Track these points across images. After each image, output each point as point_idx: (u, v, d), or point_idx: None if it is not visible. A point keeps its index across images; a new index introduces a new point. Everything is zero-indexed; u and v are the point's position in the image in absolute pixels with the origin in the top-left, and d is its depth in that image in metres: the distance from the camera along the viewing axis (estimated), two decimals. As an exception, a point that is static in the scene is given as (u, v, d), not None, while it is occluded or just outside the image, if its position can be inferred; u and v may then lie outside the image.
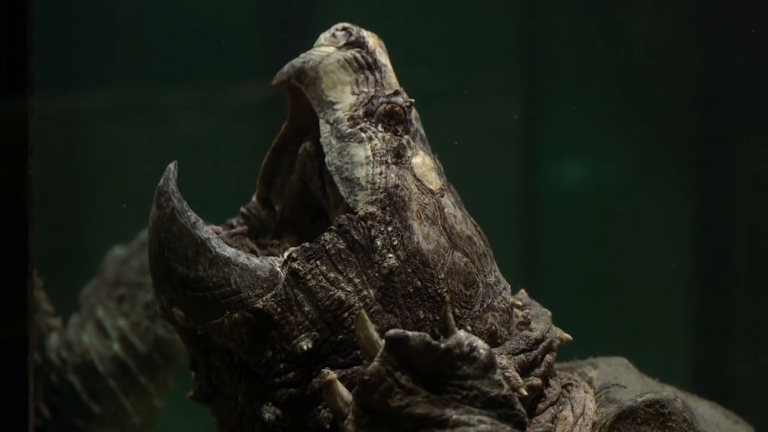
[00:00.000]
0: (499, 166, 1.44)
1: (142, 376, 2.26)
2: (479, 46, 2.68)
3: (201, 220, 1.36)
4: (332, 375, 1.27)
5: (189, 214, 1.36)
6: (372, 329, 1.24)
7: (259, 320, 1.34)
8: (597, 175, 2.85)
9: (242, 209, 1.60)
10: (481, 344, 1.21)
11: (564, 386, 1.50)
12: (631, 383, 1.63)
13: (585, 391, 1.50)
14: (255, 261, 1.35)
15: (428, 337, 1.21)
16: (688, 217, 2.86)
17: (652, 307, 2.79)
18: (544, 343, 1.45)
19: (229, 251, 1.35)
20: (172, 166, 1.39)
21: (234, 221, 1.59)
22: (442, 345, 1.20)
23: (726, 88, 2.70)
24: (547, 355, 1.46)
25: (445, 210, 1.44)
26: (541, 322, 1.49)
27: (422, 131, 1.50)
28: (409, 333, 1.21)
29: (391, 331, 1.21)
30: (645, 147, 2.77)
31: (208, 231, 1.36)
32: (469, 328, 1.39)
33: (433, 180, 1.45)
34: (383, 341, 1.22)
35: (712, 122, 2.72)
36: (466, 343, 1.21)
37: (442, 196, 1.44)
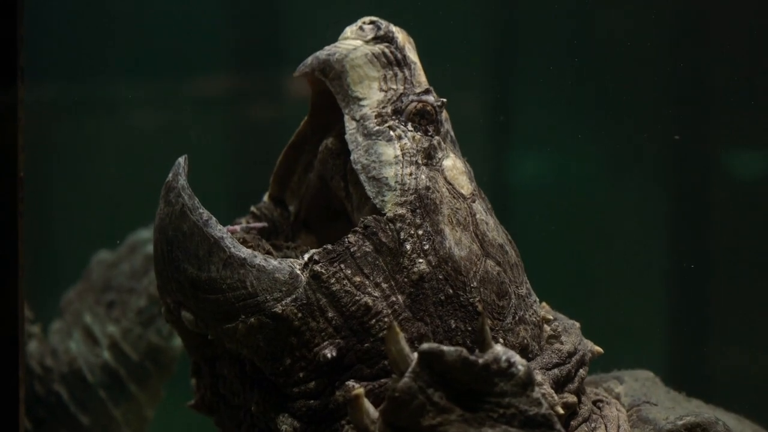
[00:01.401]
0: (469, 162, 1.41)
1: (133, 385, 2.17)
2: (448, 42, 2.63)
3: (214, 218, 1.28)
4: (359, 389, 1.19)
5: (201, 211, 1.27)
6: (404, 342, 1.15)
7: (277, 326, 1.26)
8: (569, 172, 2.82)
9: (253, 209, 1.53)
10: (519, 360, 1.14)
11: (594, 402, 1.42)
12: (659, 399, 1.57)
13: (617, 410, 1.42)
14: (273, 262, 1.27)
15: (465, 352, 1.13)
16: (664, 214, 2.84)
17: (627, 304, 2.76)
18: (577, 357, 1.38)
19: (244, 251, 1.27)
20: (182, 160, 1.31)
21: (243, 221, 1.51)
22: (480, 360, 1.13)
23: (699, 84, 2.67)
24: (581, 370, 1.38)
25: (477, 216, 1.37)
26: (572, 334, 1.43)
27: (452, 133, 1.43)
28: (444, 348, 1.13)
29: (425, 345, 1.13)
30: (619, 143, 2.73)
31: (221, 230, 1.28)
32: (501, 341, 1.32)
33: (465, 184, 1.39)
34: (415, 355, 1.14)
35: (686, 118, 2.69)
36: (504, 358, 1.13)
37: (474, 201, 1.38)
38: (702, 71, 2.64)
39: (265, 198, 1.54)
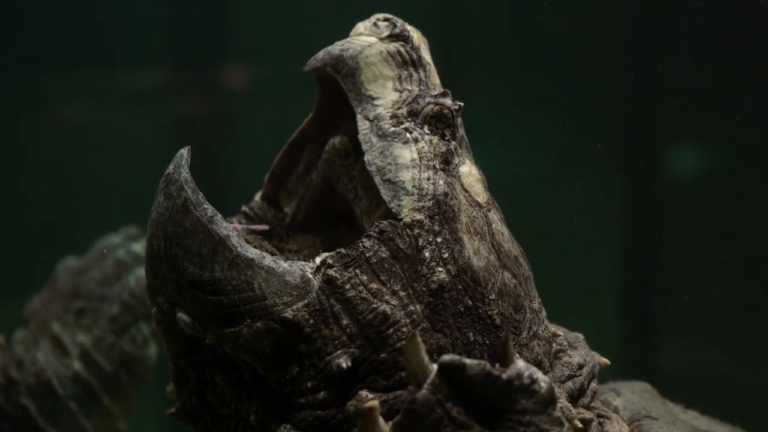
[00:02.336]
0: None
1: (106, 396, 2.09)
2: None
3: (219, 215, 1.22)
4: (374, 402, 1.14)
5: (206, 206, 1.22)
6: (425, 354, 1.11)
7: (286, 332, 1.21)
8: (516, 168, 2.82)
9: (244, 208, 1.47)
10: (541, 376, 1.10)
11: (597, 417, 1.40)
12: (658, 412, 1.55)
13: (619, 424, 1.40)
14: (283, 265, 1.22)
15: (488, 365, 1.09)
16: (615, 211, 2.85)
17: (579, 301, 2.76)
18: (587, 369, 1.36)
19: (252, 252, 1.21)
20: (184, 151, 1.25)
21: (235, 222, 1.46)
22: (504, 376, 1.09)
23: (647, 82, 2.69)
24: (592, 383, 1.35)
25: (493, 226, 1.34)
26: (579, 347, 1.40)
27: (467, 138, 1.39)
28: (467, 360, 1.09)
29: (447, 357, 1.09)
30: (566, 141, 2.75)
31: (227, 227, 1.22)
32: (516, 356, 1.28)
33: (480, 192, 1.35)
34: (434, 367, 1.10)
35: (635, 116, 2.71)
36: (526, 374, 1.10)
37: (489, 210, 1.35)
38: (650, 69, 2.65)
39: (257, 198, 1.49)
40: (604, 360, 1.43)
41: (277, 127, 2.81)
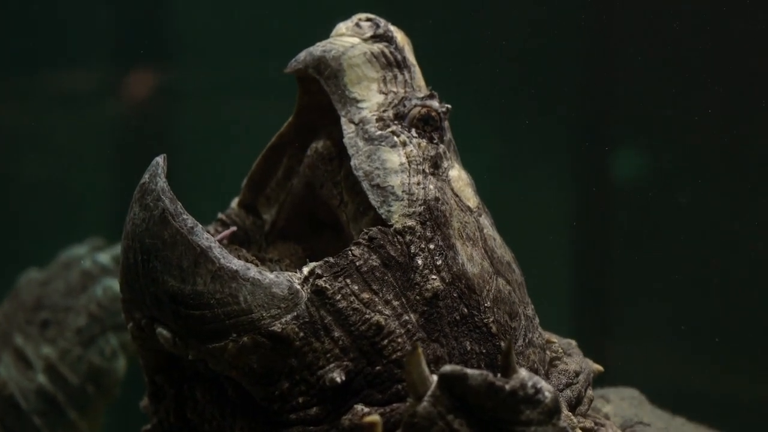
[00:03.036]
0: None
1: (72, 410, 2.04)
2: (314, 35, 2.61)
3: (199, 225, 1.17)
4: (375, 417, 1.09)
5: (185, 217, 1.17)
6: (425, 365, 1.07)
7: (274, 346, 1.16)
8: (468, 168, 2.83)
9: (221, 216, 1.42)
10: (545, 386, 1.07)
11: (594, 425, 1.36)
12: (649, 418, 1.54)
13: None
14: (269, 276, 1.17)
15: (490, 375, 1.06)
16: (565, 212, 2.86)
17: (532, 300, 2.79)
18: (583, 375, 1.32)
19: (236, 263, 1.16)
20: (160, 159, 1.20)
21: (211, 230, 1.40)
22: (507, 386, 1.05)
23: (599, 81, 2.69)
24: (588, 391, 1.31)
25: (485, 231, 1.30)
26: (573, 354, 1.37)
27: (454, 142, 1.35)
28: (468, 370, 1.06)
29: (448, 367, 1.05)
30: (517, 144, 2.74)
31: (209, 238, 1.17)
32: (519, 365, 1.24)
33: (470, 197, 1.32)
34: (434, 378, 1.07)
35: (586, 115, 2.71)
36: (530, 384, 1.06)
37: (480, 215, 1.32)
38: (598, 72, 2.65)
39: (234, 204, 1.44)
40: (597, 367, 1.39)
41: (218, 127, 2.78)
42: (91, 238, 2.20)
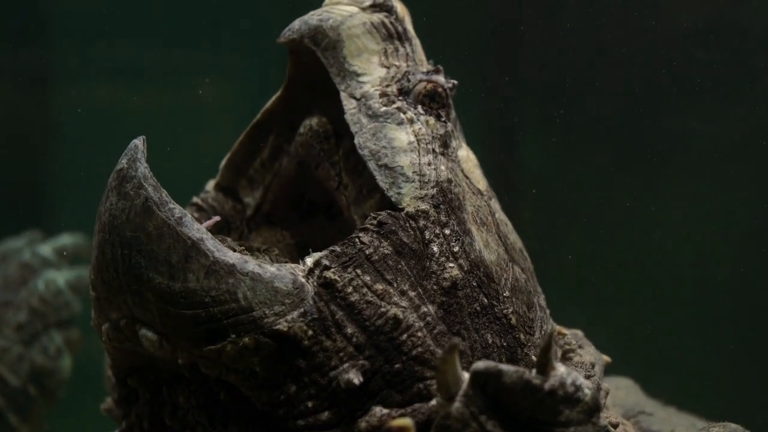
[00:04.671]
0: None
1: (13, 415, 1.92)
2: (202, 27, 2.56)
3: (188, 215, 1.06)
4: (406, 421, 1.00)
5: (171, 206, 1.05)
6: (459, 364, 0.97)
7: (279, 346, 1.06)
8: None
9: (195, 200, 1.32)
10: (585, 382, 1.01)
11: None
12: (650, 408, 1.48)
13: (623, 424, 1.30)
14: (270, 269, 1.06)
15: (527, 373, 0.99)
16: None
17: None
18: (598, 367, 1.26)
19: (231, 256, 1.05)
20: (139, 142, 1.08)
21: None
22: (546, 385, 0.98)
23: (506, 77, 2.68)
24: (604, 383, 1.24)
25: (497, 215, 1.24)
26: (585, 345, 1.31)
27: (458, 121, 1.28)
28: (503, 366, 0.98)
29: (481, 364, 0.98)
30: None
31: (200, 229, 1.06)
32: (533, 358, 1.17)
33: (480, 179, 1.25)
34: (466, 376, 0.99)
35: (493, 113, 2.70)
36: (569, 381, 1.00)
37: (491, 198, 1.25)
38: (505, 68, 2.63)
39: (209, 187, 1.34)
40: (606, 357, 1.33)
41: (100, 111, 2.66)
42: (29, 231, 2.07)
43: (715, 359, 2.34)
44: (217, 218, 1.27)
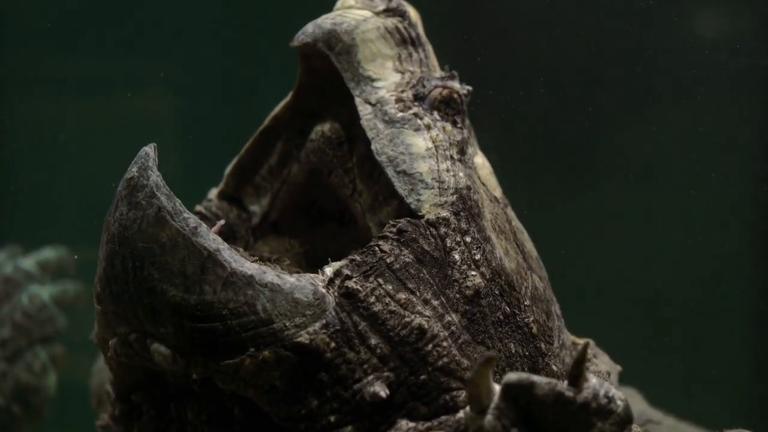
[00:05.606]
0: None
1: None
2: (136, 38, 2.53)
3: (203, 224, 1.03)
4: None
5: (186, 215, 1.02)
6: (491, 376, 0.95)
7: (301, 359, 1.02)
8: None
9: (199, 208, 1.29)
10: (617, 394, 0.98)
11: None
12: (656, 417, 1.47)
13: None
14: (290, 279, 1.03)
15: (560, 385, 0.96)
16: None
17: None
18: (614, 376, 1.25)
19: (249, 266, 1.02)
20: (149, 149, 1.04)
21: None
22: (579, 398, 0.96)
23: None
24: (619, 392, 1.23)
25: (513, 223, 1.22)
26: (599, 354, 1.30)
27: (472, 127, 1.26)
28: (535, 378, 0.95)
29: (513, 375, 0.95)
30: None
31: (216, 239, 1.02)
32: (554, 368, 1.16)
33: (496, 186, 1.24)
34: (497, 387, 0.96)
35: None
36: (603, 393, 0.97)
37: (506, 206, 1.24)
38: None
39: (212, 195, 1.30)
40: (618, 366, 1.31)
41: (42, 122, 2.62)
42: (9, 246, 2.01)
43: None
44: (222, 222, 1.24)
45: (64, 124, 2.57)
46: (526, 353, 1.13)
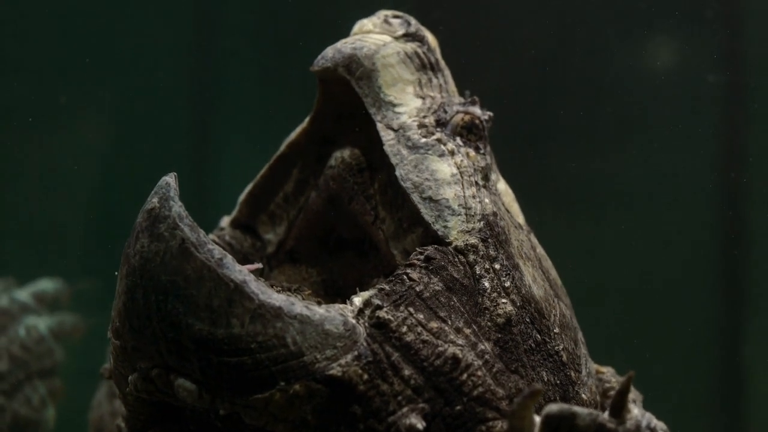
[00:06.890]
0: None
1: None
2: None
3: (229, 255, 1.00)
4: None
5: (210, 247, 0.99)
6: (533, 408, 0.94)
7: (333, 392, 1.00)
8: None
9: (211, 236, 1.26)
10: (660, 425, 0.99)
11: None
12: None
13: None
14: (319, 311, 1.00)
15: (601, 416, 0.95)
16: None
17: None
18: (639, 403, 1.25)
19: (277, 298, 0.99)
20: (171, 180, 1.02)
21: None
22: (620, 429, 0.96)
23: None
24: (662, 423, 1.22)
25: (538, 250, 1.21)
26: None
27: (493, 154, 1.24)
28: (576, 409, 0.94)
29: (554, 407, 0.94)
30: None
31: (242, 271, 0.99)
32: (584, 397, 1.14)
33: (518, 213, 1.23)
34: (537, 419, 0.95)
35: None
36: (645, 424, 0.97)
37: (530, 233, 1.22)
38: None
39: (225, 223, 1.27)
40: (640, 394, 1.30)
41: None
42: (3, 278, 1.96)
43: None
44: (259, 265, 1.20)
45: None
46: (557, 381, 1.11)
